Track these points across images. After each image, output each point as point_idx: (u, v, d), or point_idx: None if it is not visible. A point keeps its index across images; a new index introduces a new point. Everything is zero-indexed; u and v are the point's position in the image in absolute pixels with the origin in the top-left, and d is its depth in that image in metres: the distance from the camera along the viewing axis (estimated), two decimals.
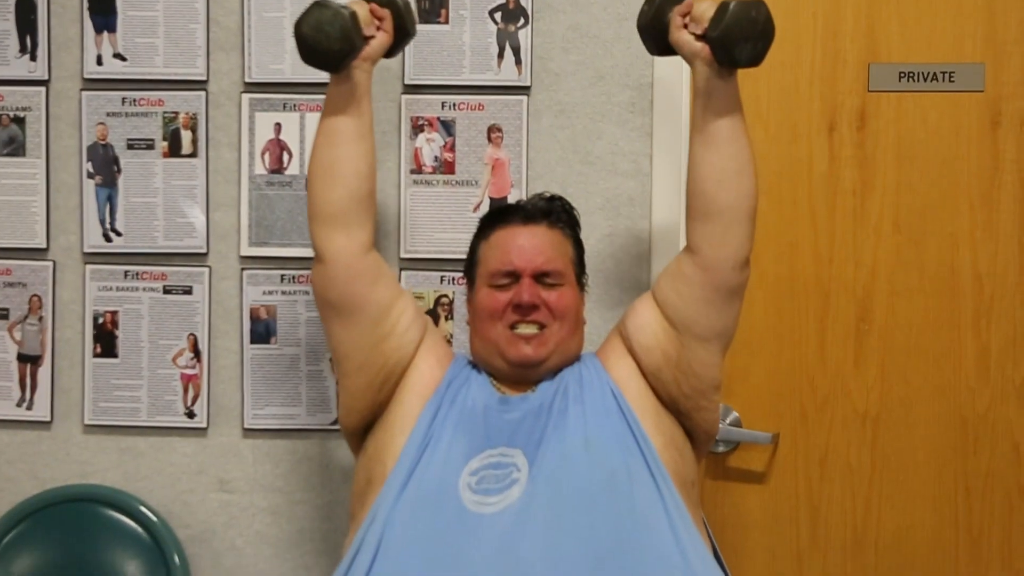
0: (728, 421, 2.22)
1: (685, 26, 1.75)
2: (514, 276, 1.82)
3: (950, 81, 2.18)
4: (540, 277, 1.82)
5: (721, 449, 2.23)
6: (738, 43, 1.67)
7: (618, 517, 1.60)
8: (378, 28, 1.81)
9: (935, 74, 2.18)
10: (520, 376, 1.82)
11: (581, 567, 1.54)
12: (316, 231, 1.80)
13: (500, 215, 1.94)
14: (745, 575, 2.23)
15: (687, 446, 1.82)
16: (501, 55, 2.19)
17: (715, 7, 1.70)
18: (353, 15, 1.74)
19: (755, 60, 1.70)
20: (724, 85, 1.73)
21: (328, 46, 1.72)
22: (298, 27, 1.74)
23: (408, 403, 1.78)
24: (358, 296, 1.79)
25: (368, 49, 1.78)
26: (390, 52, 1.85)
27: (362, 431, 1.85)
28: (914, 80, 2.19)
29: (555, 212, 1.92)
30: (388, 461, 1.72)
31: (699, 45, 1.72)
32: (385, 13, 1.81)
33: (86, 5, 2.21)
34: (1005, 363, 2.20)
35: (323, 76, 1.81)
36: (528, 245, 1.84)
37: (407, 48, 2.15)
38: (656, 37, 1.82)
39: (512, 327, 1.80)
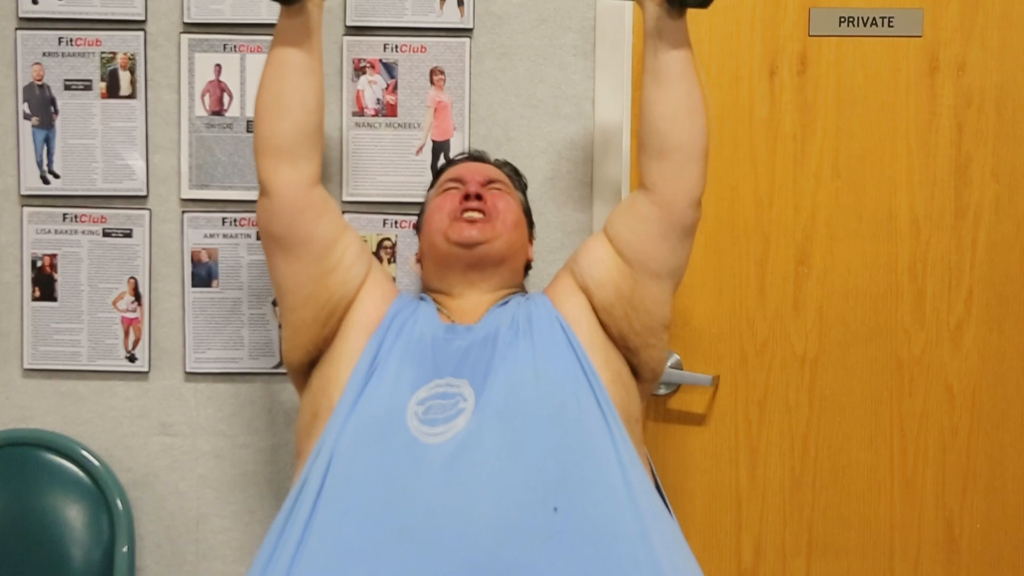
0: (670, 364, 2.25)
1: None
2: (461, 183, 1.92)
3: (889, 26, 2.20)
4: (487, 185, 1.92)
5: (662, 391, 2.26)
6: None
7: (566, 448, 1.61)
8: None
9: (874, 19, 2.20)
10: (466, 264, 1.85)
11: (528, 496, 1.55)
12: (262, 164, 1.79)
13: (449, 162, 1.97)
14: (686, 515, 2.26)
15: (633, 384, 1.84)
16: None
17: None
18: None
19: (705, 0, 1.73)
20: (674, 24, 1.76)
21: None
22: None
23: (353, 337, 1.78)
24: (303, 230, 1.79)
25: None
26: None
27: (306, 367, 1.85)
28: (854, 25, 2.20)
29: (505, 164, 2.04)
30: (334, 393, 1.73)
31: None
32: None
33: None
34: (940, 306, 2.23)
35: (264, 17, 1.80)
36: (476, 167, 1.97)
37: None
38: None
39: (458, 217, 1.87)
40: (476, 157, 2.06)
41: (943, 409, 2.25)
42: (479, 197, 1.88)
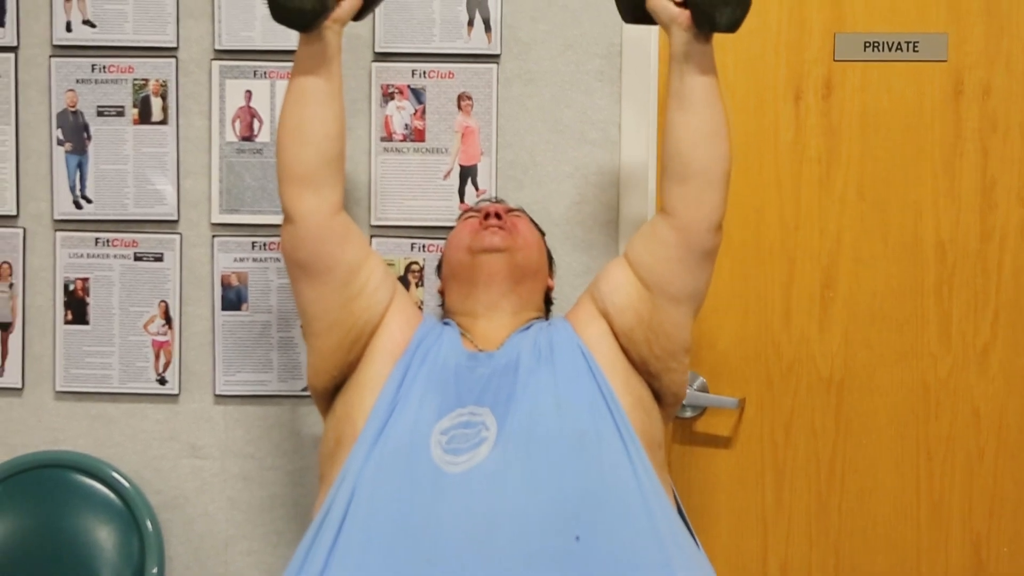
0: (695, 386, 2.25)
1: None
2: (479, 211, 1.96)
3: (914, 51, 2.21)
4: (506, 212, 1.96)
5: (688, 414, 2.26)
6: (718, 7, 1.70)
7: (587, 477, 1.62)
8: None
9: (899, 44, 2.21)
10: (488, 273, 1.87)
11: (550, 524, 1.56)
12: (285, 191, 1.80)
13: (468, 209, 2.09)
14: (711, 538, 2.27)
15: (655, 408, 1.84)
16: (471, 23, 2.20)
17: None
18: None
19: (734, 25, 1.72)
20: (701, 49, 1.77)
21: (301, 5, 1.71)
22: None
23: (378, 363, 1.80)
24: (327, 256, 1.80)
25: (339, 10, 1.79)
26: (359, 15, 1.85)
27: (331, 392, 1.86)
28: (879, 50, 2.22)
29: (520, 208, 2.06)
30: (358, 420, 1.74)
31: (677, 10, 1.75)
32: None
33: None
34: (966, 329, 2.24)
35: (293, 43, 1.81)
36: (494, 204, 1.99)
37: (377, 15, 2.17)
38: (631, 4, 1.83)
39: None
40: (494, 201, 2.11)
41: (969, 433, 2.25)
42: (498, 216, 1.91)
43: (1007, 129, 2.21)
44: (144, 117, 2.22)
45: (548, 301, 2.02)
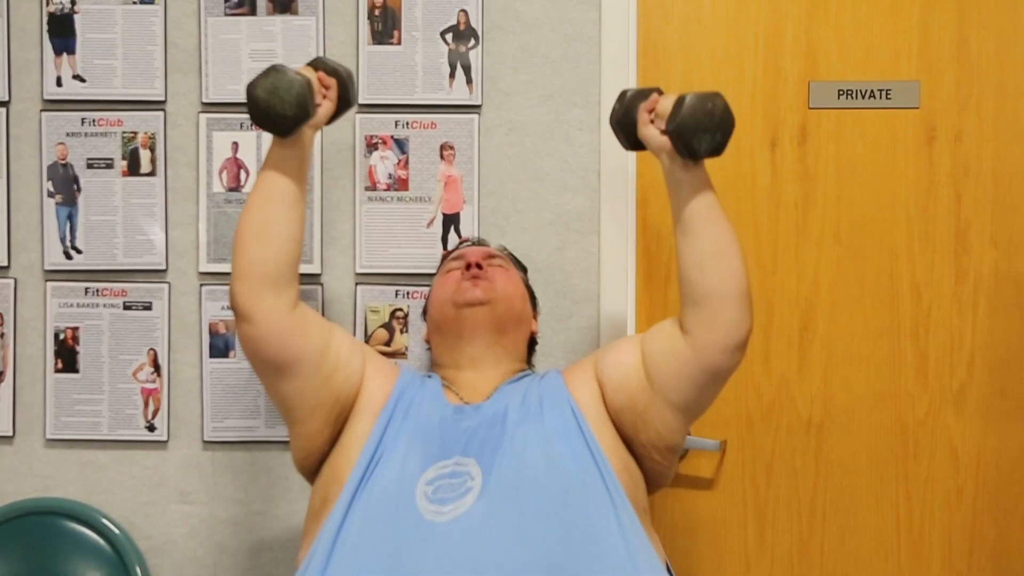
0: None
1: (652, 121, 1.79)
2: (462, 259, 1.99)
3: (887, 98, 2.26)
4: (486, 259, 1.99)
5: None
6: (695, 135, 1.69)
7: (572, 528, 1.62)
8: (324, 96, 1.83)
9: (872, 91, 2.26)
10: (472, 325, 1.89)
11: (533, 574, 1.56)
12: (242, 289, 1.76)
13: (450, 251, 2.14)
14: None
15: (640, 477, 1.84)
16: (452, 75, 2.24)
17: (674, 101, 1.72)
18: (308, 83, 1.76)
19: (715, 151, 1.71)
20: (690, 175, 1.75)
21: (282, 111, 1.73)
22: (252, 89, 1.74)
23: (361, 422, 1.80)
24: (295, 349, 1.78)
25: (317, 116, 1.81)
26: (331, 118, 1.88)
27: (319, 465, 1.87)
28: (852, 98, 2.26)
29: (503, 249, 2.11)
30: (344, 476, 1.74)
31: (663, 139, 1.75)
32: (332, 82, 1.83)
33: (46, 28, 2.25)
34: (942, 371, 2.27)
35: None
36: (475, 248, 2.05)
37: (361, 67, 2.22)
38: (628, 133, 1.84)
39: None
40: (476, 243, 2.15)
41: (948, 472, 2.28)
42: (479, 266, 1.94)
43: (979, 173, 2.25)
44: (133, 169, 2.27)
45: (532, 344, 2.05)
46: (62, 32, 2.25)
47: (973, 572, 2.28)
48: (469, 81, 2.24)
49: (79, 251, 2.27)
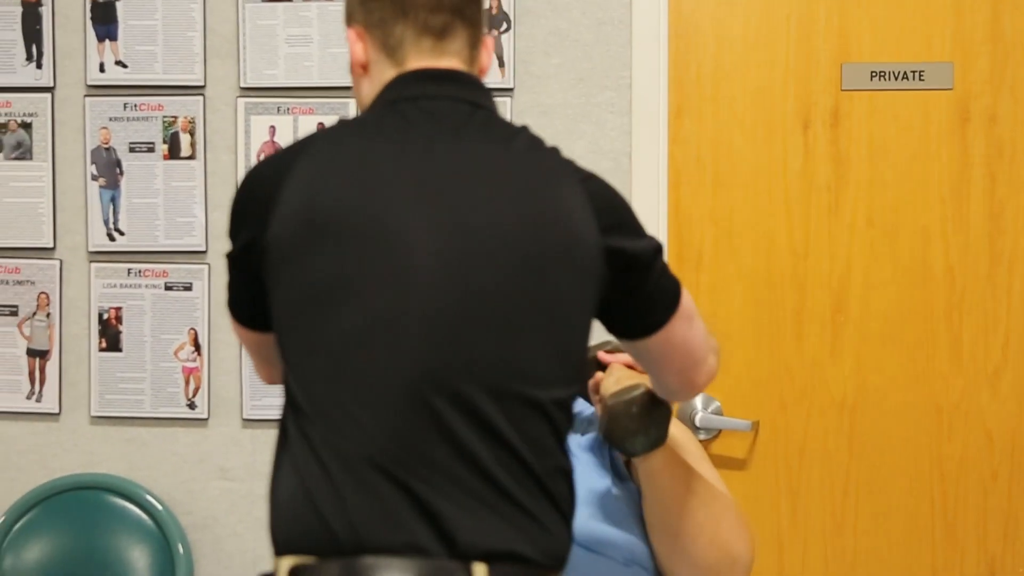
0: (710, 410, 2.30)
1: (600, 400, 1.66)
2: None
3: (920, 80, 2.25)
4: None
5: (703, 437, 2.30)
6: (628, 439, 1.57)
7: None
8: None
9: (905, 73, 2.25)
10: None
11: None
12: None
13: None
14: None
15: None
16: None
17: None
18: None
19: (653, 446, 1.58)
20: (644, 463, 1.63)
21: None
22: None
23: None
24: None
25: None
26: None
27: None
28: (885, 79, 2.26)
29: None
30: None
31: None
32: None
33: (88, 15, 2.31)
34: (976, 352, 2.26)
35: (315, 80, 1.88)
36: None
37: None
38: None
39: None
40: None
41: (982, 454, 2.27)
42: None
43: (1013, 154, 2.24)
44: (173, 152, 2.32)
45: None
46: (105, 19, 2.31)
47: (1007, 555, 2.27)
48: (501, 65, 2.27)
49: (122, 233, 2.33)
